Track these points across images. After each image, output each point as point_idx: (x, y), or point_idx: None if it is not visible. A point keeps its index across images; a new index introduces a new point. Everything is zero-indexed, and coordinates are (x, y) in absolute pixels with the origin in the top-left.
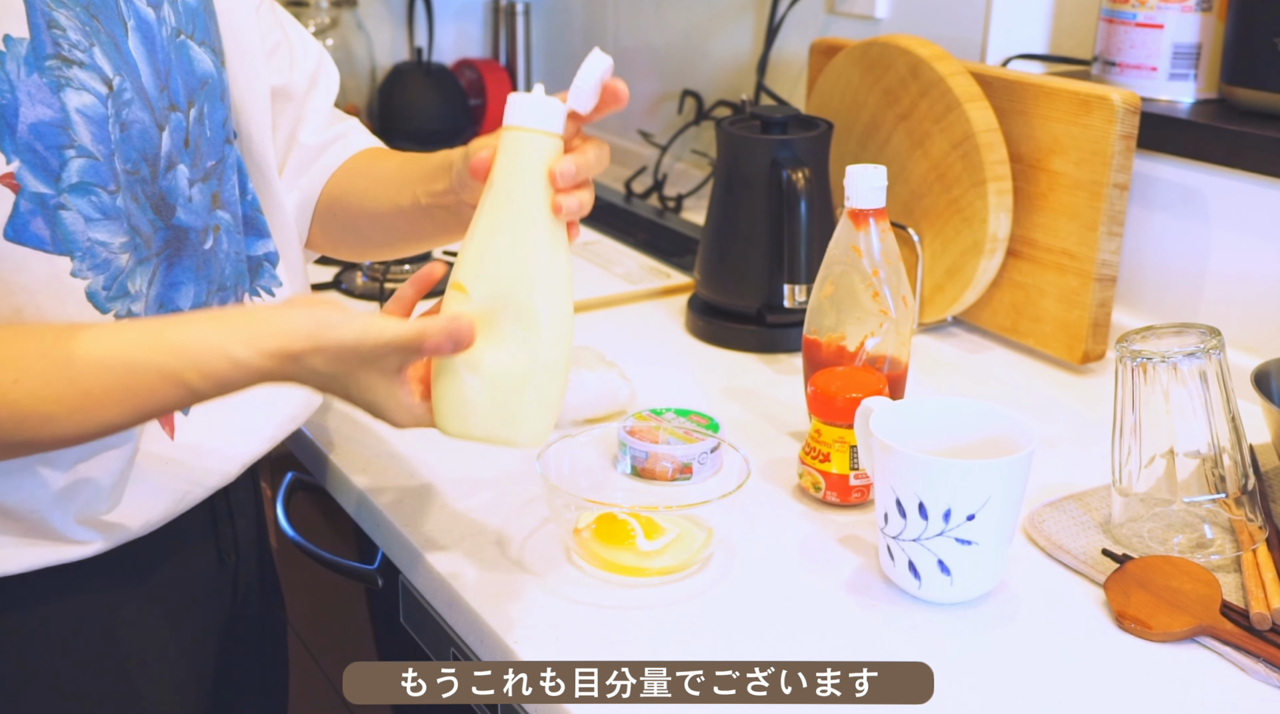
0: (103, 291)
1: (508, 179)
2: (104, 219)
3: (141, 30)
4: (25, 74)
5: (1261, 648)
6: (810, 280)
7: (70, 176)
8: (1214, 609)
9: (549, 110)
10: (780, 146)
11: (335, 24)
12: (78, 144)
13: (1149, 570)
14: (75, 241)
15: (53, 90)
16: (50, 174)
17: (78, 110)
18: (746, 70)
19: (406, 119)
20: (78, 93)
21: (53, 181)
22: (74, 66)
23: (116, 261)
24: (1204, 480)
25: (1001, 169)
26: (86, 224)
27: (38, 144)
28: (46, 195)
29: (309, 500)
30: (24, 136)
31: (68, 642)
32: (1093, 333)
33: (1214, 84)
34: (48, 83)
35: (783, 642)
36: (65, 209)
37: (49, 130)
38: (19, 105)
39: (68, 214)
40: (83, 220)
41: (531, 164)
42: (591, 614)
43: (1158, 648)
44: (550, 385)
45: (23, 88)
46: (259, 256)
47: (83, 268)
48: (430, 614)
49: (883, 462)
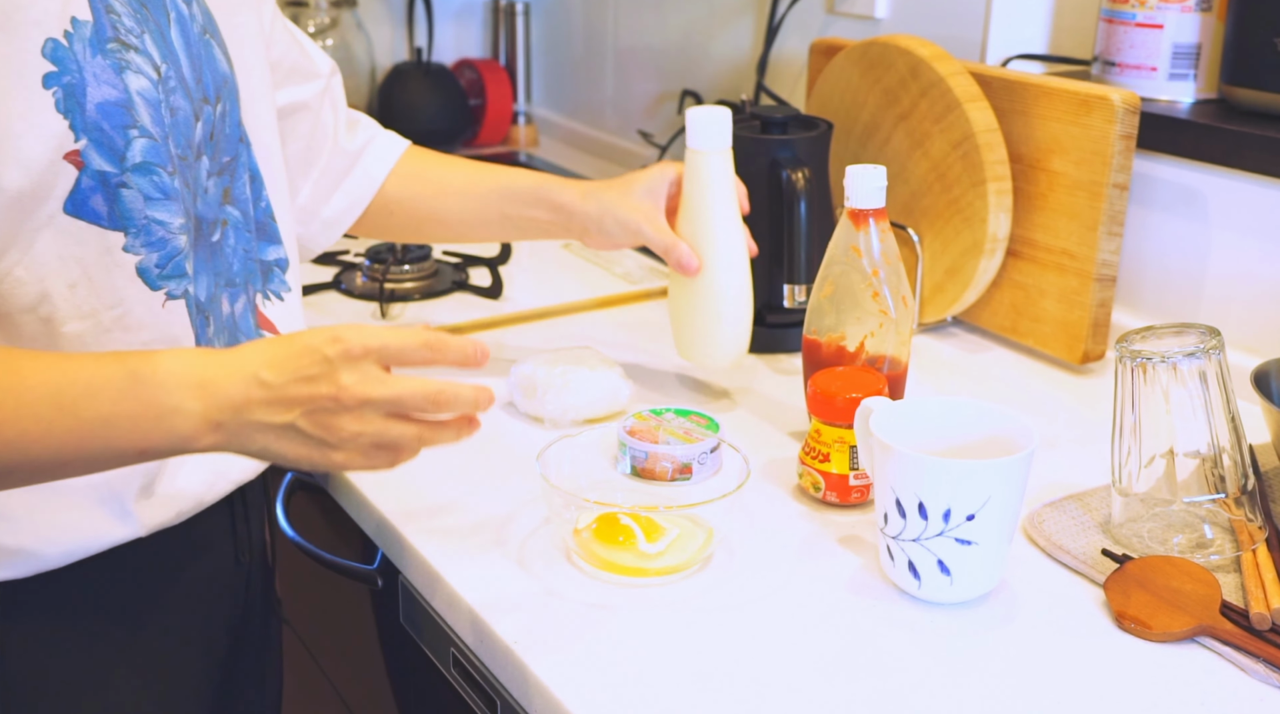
0: (155, 269)
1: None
2: (164, 199)
3: (180, 24)
4: (90, 55)
5: (1261, 648)
6: (810, 280)
7: (134, 156)
8: (1214, 609)
9: (727, 127)
10: (780, 146)
11: (335, 24)
12: (140, 124)
13: (1149, 570)
14: (131, 218)
15: (116, 72)
16: (115, 153)
17: (138, 93)
18: (746, 70)
19: (406, 119)
20: (136, 76)
21: (117, 160)
22: (130, 50)
23: (174, 241)
24: (1204, 480)
25: (1001, 169)
26: (146, 203)
27: (105, 123)
28: (109, 173)
29: (309, 500)
30: (92, 115)
31: (93, 639)
32: (1093, 333)
33: (1214, 84)
34: (111, 64)
35: (782, 642)
36: (126, 188)
37: (115, 110)
38: (86, 85)
39: (128, 192)
40: (142, 198)
41: (727, 175)
42: (591, 614)
43: (1158, 648)
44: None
45: (89, 68)
46: (270, 261)
47: (135, 244)
48: (430, 614)
49: (882, 462)
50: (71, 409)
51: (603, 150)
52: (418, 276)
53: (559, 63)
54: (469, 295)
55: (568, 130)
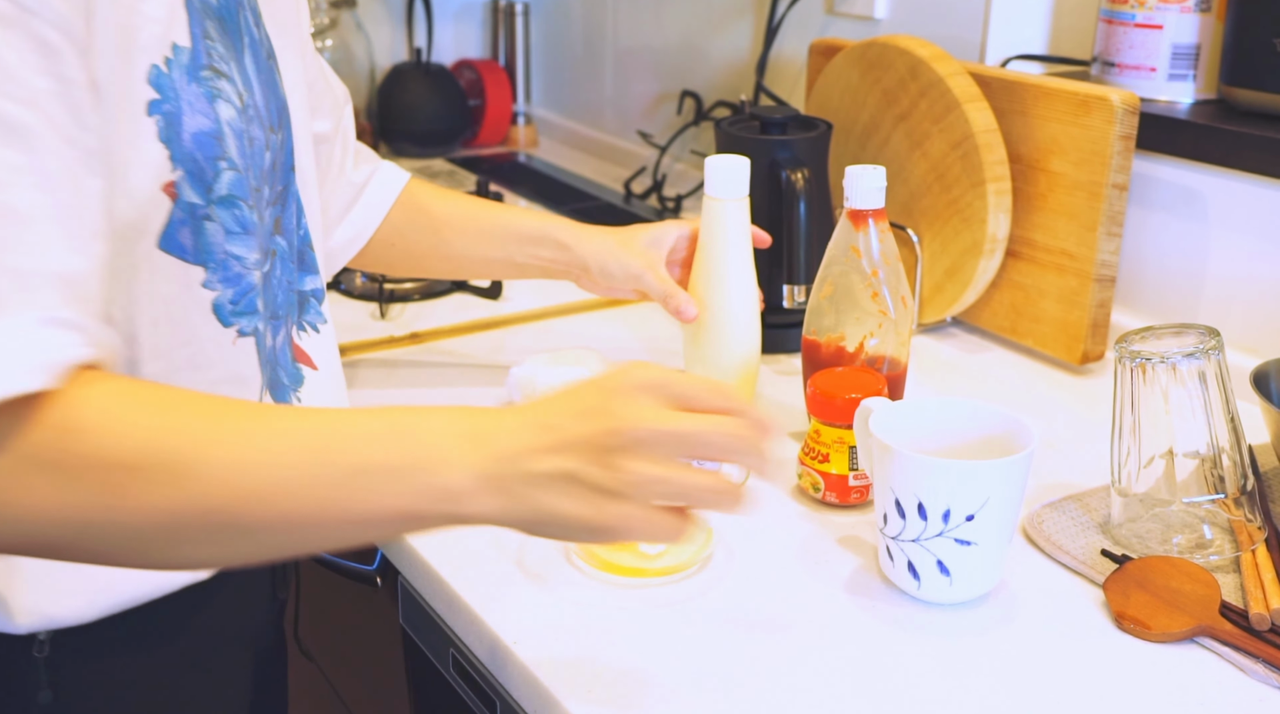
0: (229, 306)
1: (724, 240)
2: (242, 233)
3: (253, 49)
4: (187, 83)
5: (1261, 648)
6: (809, 281)
7: (220, 188)
8: (1213, 610)
9: (744, 177)
10: (779, 147)
11: (334, 24)
12: (228, 156)
13: (1148, 571)
14: (212, 253)
15: (209, 100)
16: (204, 185)
17: (228, 123)
18: (746, 71)
19: (406, 119)
20: (226, 105)
21: (205, 192)
22: (221, 78)
23: (249, 277)
24: (1203, 481)
25: (1001, 169)
26: (226, 237)
27: (198, 154)
28: (197, 206)
29: None
30: (188, 146)
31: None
32: (1092, 333)
33: (1213, 84)
34: (204, 92)
35: (781, 643)
36: (210, 221)
37: (207, 141)
38: (183, 114)
39: (211, 226)
40: (223, 232)
41: (743, 223)
42: (591, 615)
43: (1157, 648)
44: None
45: (185, 96)
46: (307, 292)
47: (213, 280)
48: (430, 615)
49: (882, 462)
50: (325, 458)
51: (602, 150)
52: (418, 276)
53: (558, 63)
54: (469, 296)
55: (567, 130)
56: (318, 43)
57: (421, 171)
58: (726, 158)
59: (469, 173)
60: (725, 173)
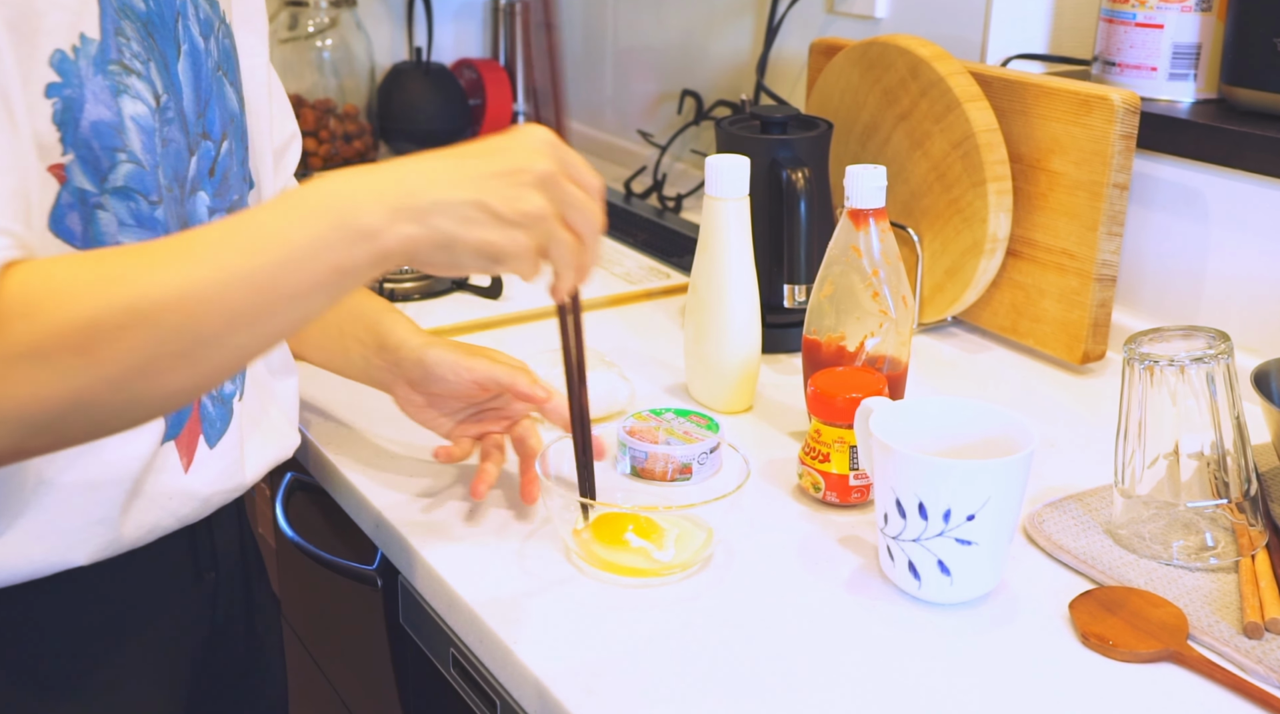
0: None
1: (724, 239)
2: (136, 227)
3: (192, 57)
4: (92, 74)
5: (1227, 677)
6: (810, 280)
7: (116, 179)
8: (1181, 638)
9: (744, 176)
10: (780, 146)
11: (334, 24)
12: (129, 150)
13: (1116, 597)
14: (103, 242)
15: (113, 94)
16: (98, 174)
17: (132, 118)
18: (746, 70)
19: (406, 119)
20: (133, 101)
21: (98, 181)
22: (132, 75)
23: None
24: (1207, 484)
25: (1001, 169)
26: (119, 228)
27: (94, 142)
28: (89, 193)
29: (308, 500)
30: (84, 133)
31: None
32: (1093, 333)
33: (1214, 84)
34: (109, 85)
35: (782, 642)
36: (103, 209)
37: (106, 131)
38: (84, 102)
39: (104, 215)
40: (116, 223)
41: (743, 222)
42: (590, 615)
43: None
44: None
45: (89, 86)
46: None
47: None
48: (429, 615)
49: (882, 462)
50: (259, 247)
51: (602, 150)
52: (418, 276)
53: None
54: (469, 295)
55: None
56: (318, 42)
57: None
58: (727, 157)
59: None
60: (726, 172)
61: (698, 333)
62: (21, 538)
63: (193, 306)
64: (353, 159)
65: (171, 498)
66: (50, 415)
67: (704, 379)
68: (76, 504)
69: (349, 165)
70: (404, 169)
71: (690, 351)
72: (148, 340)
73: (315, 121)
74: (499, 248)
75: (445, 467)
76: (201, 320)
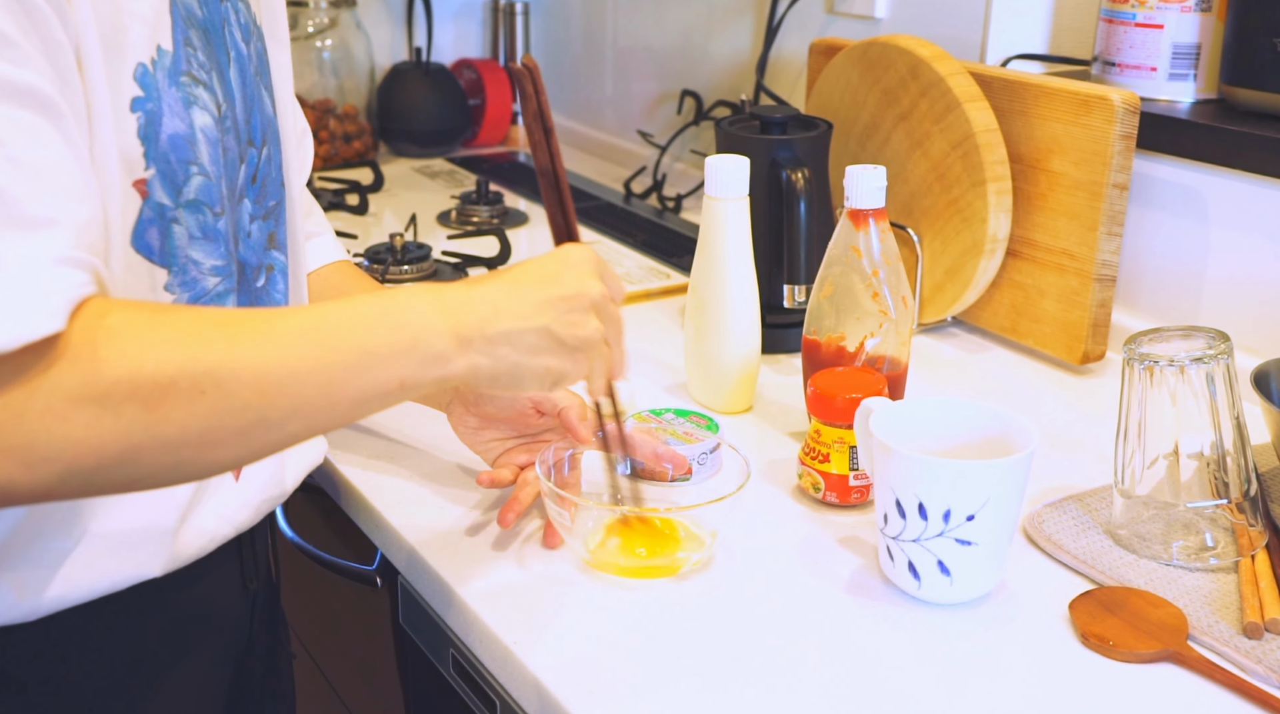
0: None
1: (724, 239)
2: (203, 238)
3: (239, 64)
4: (167, 85)
5: (1226, 678)
6: (810, 281)
7: (189, 192)
8: (1181, 638)
9: (743, 176)
10: (779, 147)
11: (334, 24)
12: (199, 162)
13: (1116, 597)
14: (175, 256)
15: (185, 105)
16: (174, 187)
17: (201, 129)
18: (746, 70)
19: (406, 119)
20: (201, 112)
21: (175, 195)
22: (199, 86)
23: (204, 282)
24: (1207, 484)
25: (1001, 169)
26: (189, 242)
27: (172, 156)
28: (166, 207)
29: (308, 501)
30: (163, 147)
31: (92, 670)
32: (1092, 333)
33: (1213, 84)
34: (182, 97)
35: (782, 643)
36: (177, 223)
37: (181, 144)
38: (163, 115)
39: (178, 228)
40: (187, 236)
41: (743, 222)
42: (590, 615)
43: None
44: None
45: (165, 98)
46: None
47: (174, 283)
48: (429, 615)
49: (882, 462)
50: (333, 345)
51: (602, 150)
52: (417, 276)
53: (558, 63)
54: None
55: (567, 130)
56: (318, 42)
57: (422, 171)
58: (727, 158)
59: (469, 173)
60: (725, 172)
61: (698, 333)
62: (93, 551)
63: (266, 387)
64: (352, 159)
65: (227, 506)
66: (97, 464)
67: (704, 379)
68: (144, 513)
69: (349, 166)
70: (474, 294)
71: (690, 352)
72: (214, 410)
73: (315, 122)
74: (561, 372)
75: (445, 467)
76: (271, 402)
